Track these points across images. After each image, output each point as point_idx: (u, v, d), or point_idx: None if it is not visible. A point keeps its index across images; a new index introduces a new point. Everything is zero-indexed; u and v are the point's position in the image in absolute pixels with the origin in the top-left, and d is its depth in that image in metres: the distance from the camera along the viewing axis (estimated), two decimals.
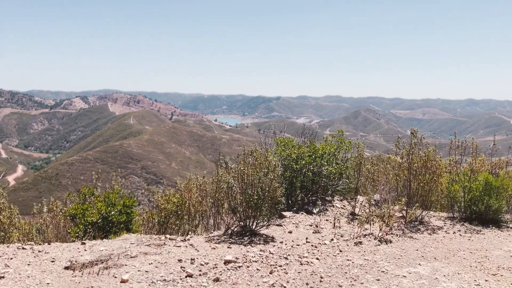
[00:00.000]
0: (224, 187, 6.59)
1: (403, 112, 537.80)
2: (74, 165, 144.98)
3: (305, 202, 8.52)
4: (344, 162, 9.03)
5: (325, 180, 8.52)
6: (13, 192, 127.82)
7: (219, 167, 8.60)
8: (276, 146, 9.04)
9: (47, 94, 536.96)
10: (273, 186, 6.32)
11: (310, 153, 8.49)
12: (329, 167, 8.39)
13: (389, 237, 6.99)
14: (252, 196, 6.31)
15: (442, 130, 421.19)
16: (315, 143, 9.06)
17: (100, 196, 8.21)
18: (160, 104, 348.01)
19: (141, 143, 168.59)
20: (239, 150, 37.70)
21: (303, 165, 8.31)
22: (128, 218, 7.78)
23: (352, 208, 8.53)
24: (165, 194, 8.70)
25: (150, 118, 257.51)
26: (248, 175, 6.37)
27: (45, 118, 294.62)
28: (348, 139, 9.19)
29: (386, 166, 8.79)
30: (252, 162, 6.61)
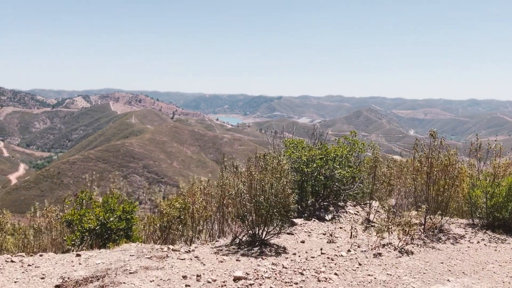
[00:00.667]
0: (232, 193, 6.06)
1: (405, 112, 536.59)
2: (76, 164, 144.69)
3: (316, 208, 7.99)
4: (357, 165, 8.50)
5: (338, 184, 7.99)
6: (15, 190, 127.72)
7: (224, 169, 8.08)
8: (285, 148, 8.51)
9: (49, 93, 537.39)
10: (285, 192, 5.80)
11: (321, 156, 7.96)
12: (342, 170, 7.86)
13: (409, 248, 6.46)
14: (263, 203, 5.79)
15: (444, 130, 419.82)
16: (326, 144, 8.53)
17: (98, 201, 7.71)
18: (161, 104, 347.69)
19: (142, 142, 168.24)
20: (241, 149, 37.64)
21: (315, 168, 7.78)
22: (128, 225, 7.26)
23: (367, 214, 8.00)
24: (168, 198, 8.18)
25: (152, 117, 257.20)
26: (259, 181, 5.85)
27: (47, 117, 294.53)
28: (361, 140, 8.66)
29: (403, 169, 8.27)
30: (264, 166, 6.09)
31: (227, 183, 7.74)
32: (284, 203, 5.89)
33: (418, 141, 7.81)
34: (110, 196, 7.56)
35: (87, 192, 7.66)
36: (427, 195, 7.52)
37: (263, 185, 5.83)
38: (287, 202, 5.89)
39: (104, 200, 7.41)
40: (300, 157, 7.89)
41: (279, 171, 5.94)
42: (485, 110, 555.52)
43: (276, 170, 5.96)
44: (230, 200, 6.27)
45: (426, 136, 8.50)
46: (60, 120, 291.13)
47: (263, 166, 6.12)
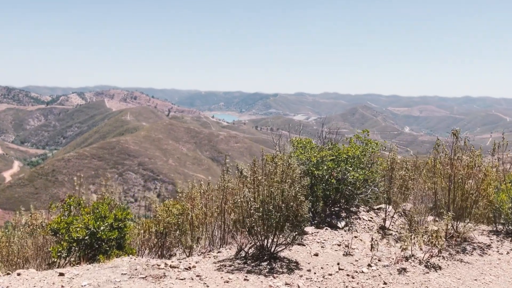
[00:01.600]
0: (238, 200, 5.34)
1: (400, 109, 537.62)
2: (71, 161, 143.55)
3: (327, 214, 7.30)
4: (369, 167, 7.80)
5: (351, 188, 7.30)
6: (9, 188, 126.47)
7: (226, 172, 7.38)
8: (293, 148, 7.80)
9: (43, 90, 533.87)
10: (298, 200, 5.10)
11: (333, 157, 7.26)
12: (355, 173, 7.16)
13: (436, 261, 5.78)
14: (273, 212, 5.09)
15: (439, 127, 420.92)
16: (337, 144, 7.83)
17: (89, 207, 6.98)
18: (157, 101, 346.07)
19: (138, 140, 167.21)
20: (237, 147, 36.60)
21: (326, 170, 7.08)
22: (121, 234, 6.53)
23: (383, 221, 7.31)
24: (165, 203, 7.45)
25: (147, 114, 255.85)
26: (267, 186, 5.15)
27: (42, 114, 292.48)
28: (375, 140, 7.96)
29: (422, 172, 7.59)
30: (273, 170, 5.38)
31: (230, 187, 7.05)
32: (296, 211, 5.19)
33: (440, 141, 7.12)
34: (100, 201, 6.81)
35: (75, 197, 6.91)
36: (449, 200, 6.84)
37: (272, 191, 5.13)
38: (300, 210, 5.18)
39: (94, 207, 6.67)
40: (309, 158, 7.19)
41: (290, 175, 5.23)
42: (480, 107, 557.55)
43: (286, 174, 5.25)
44: (236, 209, 5.55)
45: (421, 133, 7.87)
46: (54, 117, 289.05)
47: (270, 169, 5.40)
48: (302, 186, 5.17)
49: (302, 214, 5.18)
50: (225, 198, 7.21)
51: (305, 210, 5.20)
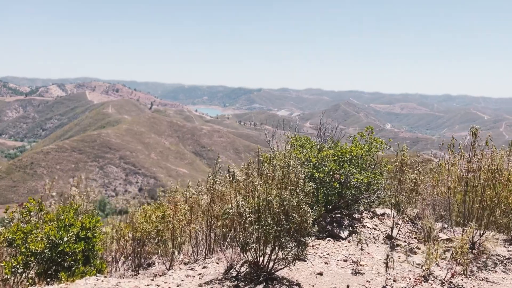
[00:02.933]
0: (229, 211, 4.42)
1: (382, 106, 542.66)
2: (50, 154, 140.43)
3: (327, 221, 6.43)
4: (372, 168, 6.95)
5: (355, 192, 6.44)
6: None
7: (215, 173, 6.45)
8: (290, 147, 6.89)
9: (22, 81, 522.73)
10: (302, 210, 4.21)
11: (335, 157, 6.39)
12: (360, 175, 6.31)
13: (458, 281, 4.96)
14: (271, 225, 4.19)
15: (419, 124, 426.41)
16: (339, 143, 6.95)
17: (53, 212, 5.99)
18: (139, 93, 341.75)
19: (119, 133, 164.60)
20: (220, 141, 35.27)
21: (327, 173, 6.21)
22: (88, 246, 5.56)
23: (389, 229, 6.47)
24: (144, 209, 6.48)
25: (129, 107, 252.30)
26: (266, 194, 4.25)
27: (20, 106, 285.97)
28: (376, 137, 7.09)
29: (434, 175, 6.77)
30: (270, 173, 4.46)
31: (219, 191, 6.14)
32: (299, 223, 4.30)
33: (455, 140, 6.29)
34: (66, 207, 5.81)
35: (36, 201, 5.87)
36: (465, 207, 6.04)
37: (270, 200, 4.23)
38: (304, 223, 4.29)
39: (58, 213, 5.68)
40: (309, 159, 6.30)
41: (293, 181, 4.33)
42: (459, 105, 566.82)
43: (287, 179, 4.35)
44: (226, 220, 4.62)
45: (402, 130, 7.09)
46: (33, 109, 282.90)
47: (268, 173, 4.48)
48: (306, 194, 4.27)
49: (306, 227, 4.29)
50: (213, 203, 6.30)
51: (309, 223, 4.31)
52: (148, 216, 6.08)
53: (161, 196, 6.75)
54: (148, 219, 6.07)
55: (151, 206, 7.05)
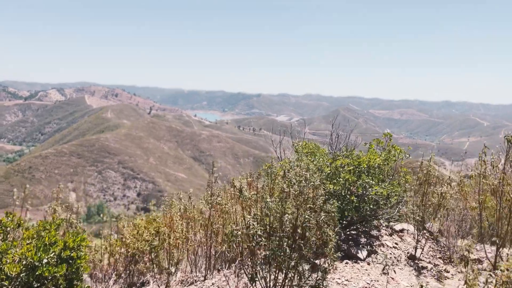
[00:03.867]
0: (237, 232, 3.75)
1: (381, 112, 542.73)
2: (49, 158, 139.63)
3: (342, 239, 5.76)
4: (390, 179, 6.27)
5: (373, 206, 5.76)
6: None
7: (213, 182, 5.79)
8: (298, 156, 6.23)
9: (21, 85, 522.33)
10: (324, 234, 3.54)
11: (351, 167, 5.72)
12: (379, 187, 5.64)
13: None
14: (289, 253, 3.52)
15: (419, 130, 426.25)
16: (354, 151, 6.29)
17: (33, 228, 5.31)
18: (138, 98, 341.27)
19: (118, 138, 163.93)
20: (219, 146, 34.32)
21: (343, 185, 5.55)
22: (72, 268, 4.88)
23: (412, 248, 5.80)
24: (135, 225, 5.79)
25: (128, 112, 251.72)
26: (280, 214, 3.58)
27: (19, 110, 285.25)
28: (395, 145, 6.42)
29: (462, 188, 6.11)
30: (284, 188, 3.79)
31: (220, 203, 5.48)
32: (319, 247, 3.63)
33: (487, 148, 5.62)
34: (47, 222, 5.13)
35: (13, 215, 5.18)
36: (499, 224, 5.37)
37: (284, 221, 3.56)
38: (325, 247, 3.62)
39: (37, 229, 5.01)
40: (321, 169, 5.63)
41: (311, 197, 3.66)
42: (458, 112, 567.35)
43: (305, 195, 3.68)
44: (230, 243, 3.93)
45: (401, 136, 6.46)
46: (32, 113, 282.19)
47: (284, 188, 3.81)
48: (327, 213, 3.60)
49: (329, 253, 3.62)
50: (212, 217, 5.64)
51: (331, 248, 3.64)
52: (139, 234, 5.40)
53: (154, 210, 6.06)
54: (139, 237, 5.39)
55: (144, 218, 6.37)
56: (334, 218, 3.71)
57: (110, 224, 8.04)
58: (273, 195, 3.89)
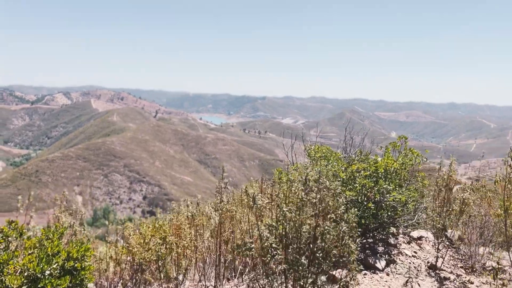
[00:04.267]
0: (250, 246, 3.49)
1: (386, 114, 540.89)
2: (55, 162, 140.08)
3: (359, 248, 5.48)
4: (406, 184, 5.99)
5: (391, 213, 5.49)
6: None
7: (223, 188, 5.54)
8: (310, 160, 5.97)
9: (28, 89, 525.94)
10: (346, 246, 3.28)
11: (368, 173, 5.45)
12: (397, 193, 5.37)
13: None
14: (307, 267, 3.26)
15: (424, 132, 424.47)
16: (369, 155, 6.02)
17: (36, 237, 5.09)
18: (144, 102, 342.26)
19: (124, 141, 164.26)
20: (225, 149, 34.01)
21: (360, 191, 5.28)
22: (76, 280, 4.65)
23: (432, 258, 5.51)
24: (141, 233, 5.55)
25: (134, 115, 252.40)
26: (297, 225, 3.32)
27: (26, 114, 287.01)
28: (412, 148, 6.15)
29: (486, 194, 5.83)
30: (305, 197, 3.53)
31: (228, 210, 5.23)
32: (339, 259, 3.37)
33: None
34: (50, 230, 4.91)
35: (15, 223, 4.96)
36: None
37: (302, 232, 3.30)
38: (346, 260, 3.36)
39: (39, 239, 4.78)
40: (335, 174, 5.37)
41: (331, 206, 3.40)
42: (464, 113, 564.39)
43: (325, 203, 3.42)
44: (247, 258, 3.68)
45: (408, 139, 6.23)
46: (39, 117, 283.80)
47: (302, 197, 3.55)
48: (349, 223, 3.34)
49: (353, 268, 3.35)
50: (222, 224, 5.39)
51: (352, 261, 3.38)
52: (146, 243, 5.16)
53: (160, 218, 5.81)
54: (146, 245, 5.15)
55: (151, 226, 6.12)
56: (355, 228, 3.45)
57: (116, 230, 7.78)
58: (289, 203, 3.64)
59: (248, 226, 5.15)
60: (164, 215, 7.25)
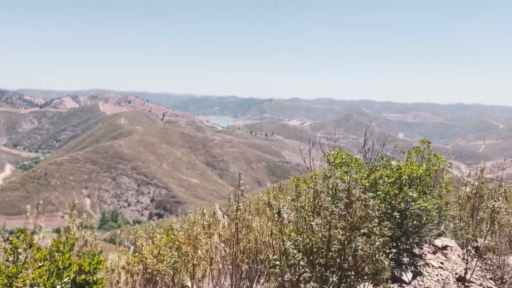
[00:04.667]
0: (276, 264, 3.25)
1: (394, 115, 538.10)
2: (64, 165, 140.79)
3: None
4: (430, 190, 5.73)
5: (417, 222, 5.23)
6: (1, 192, 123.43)
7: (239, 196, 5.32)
8: (329, 166, 5.72)
9: (37, 93, 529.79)
10: (380, 264, 3.04)
11: (392, 180, 5.20)
12: (423, 201, 5.10)
13: None
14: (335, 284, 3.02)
15: (432, 134, 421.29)
16: (390, 160, 5.76)
17: (47, 248, 4.89)
18: (151, 105, 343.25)
19: (132, 144, 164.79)
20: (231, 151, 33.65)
21: (383, 198, 5.03)
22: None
23: (461, 269, 5.24)
24: (154, 242, 5.33)
25: (141, 118, 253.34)
26: (327, 240, 3.09)
27: (35, 117, 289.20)
28: (436, 153, 5.89)
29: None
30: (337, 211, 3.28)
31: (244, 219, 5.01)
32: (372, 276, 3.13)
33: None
34: (61, 241, 4.71)
35: (25, 233, 4.77)
36: None
37: (333, 249, 3.06)
38: (379, 277, 3.11)
39: (50, 250, 4.59)
40: (357, 181, 5.11)
41: (363, 218, 3.16)
42: (473, 114, 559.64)
43: (356, 215, 3.18)
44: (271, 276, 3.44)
45: (415, 140, 5.91)
46: (48, 121, 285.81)
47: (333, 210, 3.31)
48: (382, 237, 3.09)
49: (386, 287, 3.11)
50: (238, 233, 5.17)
51: (385, 278, 3.12)
52: (161, 255, 4.94)
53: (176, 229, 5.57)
54: (161, 257, 4.93)
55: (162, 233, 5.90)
56: (388, 243, 3.21)
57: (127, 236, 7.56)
58: (316, 214, 3.40)
59: (267, 236, 4.93)
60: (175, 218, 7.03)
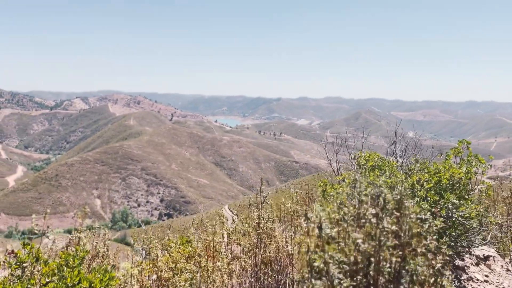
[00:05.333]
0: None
1: (403, 113, 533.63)
2: (74, 166, 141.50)
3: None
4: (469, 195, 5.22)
5: (460, 231, 4.74)
6: (13, 193, 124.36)
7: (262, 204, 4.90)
8: (359, 169, 5.26)
9: (47, 95, 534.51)
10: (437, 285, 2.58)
11: (431, 184, 4.72)
12: (466, 208, 4.62)
13: None
14: None
15: (443, 132, 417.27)
16: (427, 162, 5.28)
17: (56, 260, 4.50)
18: (160, 105, 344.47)
19: (141, 144, 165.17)
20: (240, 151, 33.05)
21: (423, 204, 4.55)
22: None
23: (508, 282, 4.76)
24: (170, 252, 4.91)
25: (150, 119, 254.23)
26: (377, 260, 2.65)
27: (46, 119, 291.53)
28: (476, 154, 5.38)
29: None
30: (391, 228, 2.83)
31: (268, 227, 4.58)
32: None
33: None
34: (70, 254, 4.30)
35: (31, 246, 4.36)
36: None
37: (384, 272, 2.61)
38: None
39: (58, 264, 4.18)
40: (393, 186, 4.64)
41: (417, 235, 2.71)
42: (484, 112, 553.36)
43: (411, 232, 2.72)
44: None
45: (425, 138, 5.54)
46: (58, 122, 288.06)
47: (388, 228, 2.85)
48: (442, 256, 2.63)
49: None
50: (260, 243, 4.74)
51: None
52: (178, 269, 4.51)
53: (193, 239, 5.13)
54: (177, 270, 4.51)
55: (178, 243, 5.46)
56: (449, 263, 2.75)
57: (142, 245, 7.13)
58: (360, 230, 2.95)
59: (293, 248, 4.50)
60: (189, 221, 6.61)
